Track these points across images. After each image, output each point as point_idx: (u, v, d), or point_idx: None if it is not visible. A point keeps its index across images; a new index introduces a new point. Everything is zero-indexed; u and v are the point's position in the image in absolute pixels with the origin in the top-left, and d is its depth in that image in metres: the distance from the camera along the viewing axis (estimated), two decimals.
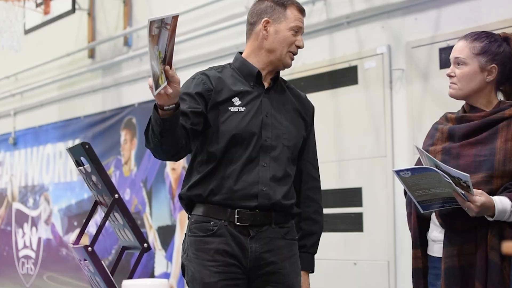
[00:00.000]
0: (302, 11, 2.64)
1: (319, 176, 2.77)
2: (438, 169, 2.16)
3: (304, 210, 2.68)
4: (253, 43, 2.64)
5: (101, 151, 6.95)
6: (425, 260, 2.43)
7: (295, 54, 2.62)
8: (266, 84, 2.64)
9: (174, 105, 2.27)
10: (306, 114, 2.71)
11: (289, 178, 2.60)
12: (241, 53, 2.69)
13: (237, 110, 2.55)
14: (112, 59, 7.12)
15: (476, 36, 2.43)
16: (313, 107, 2.77)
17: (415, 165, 2.46)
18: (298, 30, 2.60)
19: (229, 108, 2.54)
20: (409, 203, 2.49)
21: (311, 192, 2.70)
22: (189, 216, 2.60)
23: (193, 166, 2.59)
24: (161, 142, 2.33)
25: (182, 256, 2.59)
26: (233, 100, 2.56)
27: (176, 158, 2.52)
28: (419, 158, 2.44)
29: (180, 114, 2.37)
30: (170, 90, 2.20)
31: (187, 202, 2.60)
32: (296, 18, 2.60)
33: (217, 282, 2.47)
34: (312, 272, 2.70)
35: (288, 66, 2.63)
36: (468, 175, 2.14)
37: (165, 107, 2.25)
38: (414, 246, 2.44)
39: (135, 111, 6.79)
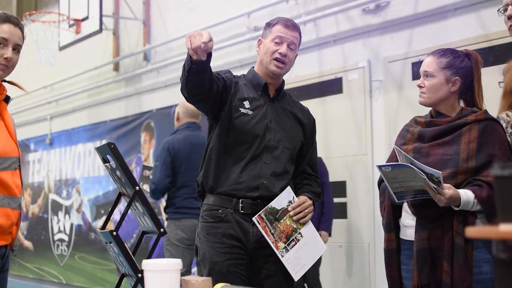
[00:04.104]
0: (288, 26, 2.57)
1: (318, 174, 2.75)
2: (414, 166, 2.16)
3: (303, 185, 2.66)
4: (257, 60, 2.66)
5: (124, 150, 6.95)
6: (398, 242, 2.42)
7: (280, 61, 2.54)
8: (271, 94, 2.63)
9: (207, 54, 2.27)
10: (307, 123, 2.69)
11: (288, 175, 2.59)
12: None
13: (246, 112, 2.54)
14: (133, 71, 7.12)
15: (443, 52, 2.43)
16: (314, 120, 2.74)
17: (387, 161, 2.46)
18: (280, 40, 2.54)
19: (239, 109, 2.54)
20: (382, 193, 2.48)
21: (308, 181, 2.69)
22: (201, 205, 2.61)
23: (206, 156, 2.59)
24: (187, 80, 2.33)
25: (195, 239, 2.60)
26: (244, 102, 2.55)
27: (194, 99, 2.46)
28: (390, 156, 2.46)
29: (216, 77, 2.44)
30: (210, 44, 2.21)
31: (201, 189, 2.60)
32: (278, 31, 2.55)
33: (224, 261, 2.47)
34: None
35: (273, 72, 2.56)
36: (441, 172, 2.13)
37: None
38: (388, 230, 2.43)
39: (153, 116, 6.79)
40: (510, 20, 2.31)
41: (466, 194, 2.21)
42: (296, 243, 2.48)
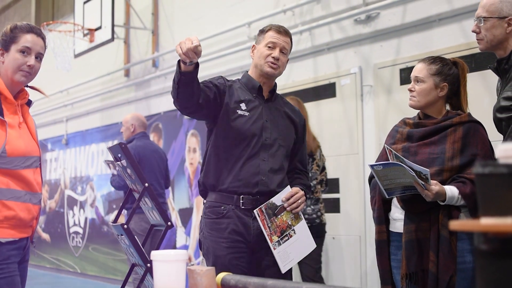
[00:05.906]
0: (280, 32, 2.56)
1: (307, 170, 2.76)
2: (403, 164, 2.16)
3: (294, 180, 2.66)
4: (252, 64, 2.66)
5: None
6: (388, 234, 2.43)
7: (273, 63, 2.53)
8: (265, 96, 2.63)
9: (194, 65, 2.24)
10: (298, 122, 2.69)
11: (284, 171, 2.59)
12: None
13: (243, 113, 2.52)
14: (143, 77, 7.12)
15: (433, 60, 2.43)
16: (304, 119, 2.74)
17: (377, 160, 2.46)
18: (273, 45, 2.53)
19: (237, 111, 2.52)
20: (373, 189, 2.48)
21: (299, 175, 2.69)
22: (204, 202, 2.60)
23: (206, 157, 2.57)
24: (177, 92, 2.30)
25: (199, 234, 2.58)
26: (240, 105, 2.54)
27: (187, 111, 2.43)
28: (380, 154, 2.46)
29: (207, 86, 2.41)
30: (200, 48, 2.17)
31: (203, 188, 2.58)
32: (271, 37, 2.54)
33: (226, 255, 2.46)
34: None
35: (268, 73, 2.54)
36: (428, 169, 2.13)
37: (187, 63, 2.21)
38: (379, 223, 2.42)
39: (161, 118, 6.78)
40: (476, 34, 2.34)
41: (451, 190, 2.22)
42: (288, 239, 2.49)
